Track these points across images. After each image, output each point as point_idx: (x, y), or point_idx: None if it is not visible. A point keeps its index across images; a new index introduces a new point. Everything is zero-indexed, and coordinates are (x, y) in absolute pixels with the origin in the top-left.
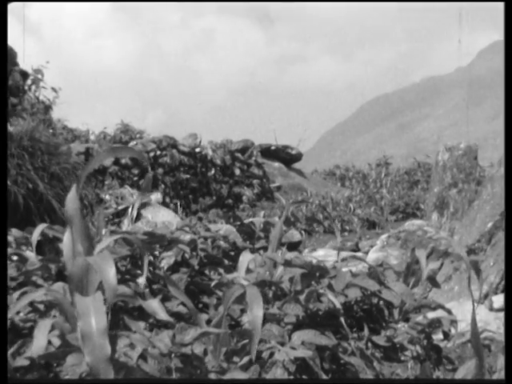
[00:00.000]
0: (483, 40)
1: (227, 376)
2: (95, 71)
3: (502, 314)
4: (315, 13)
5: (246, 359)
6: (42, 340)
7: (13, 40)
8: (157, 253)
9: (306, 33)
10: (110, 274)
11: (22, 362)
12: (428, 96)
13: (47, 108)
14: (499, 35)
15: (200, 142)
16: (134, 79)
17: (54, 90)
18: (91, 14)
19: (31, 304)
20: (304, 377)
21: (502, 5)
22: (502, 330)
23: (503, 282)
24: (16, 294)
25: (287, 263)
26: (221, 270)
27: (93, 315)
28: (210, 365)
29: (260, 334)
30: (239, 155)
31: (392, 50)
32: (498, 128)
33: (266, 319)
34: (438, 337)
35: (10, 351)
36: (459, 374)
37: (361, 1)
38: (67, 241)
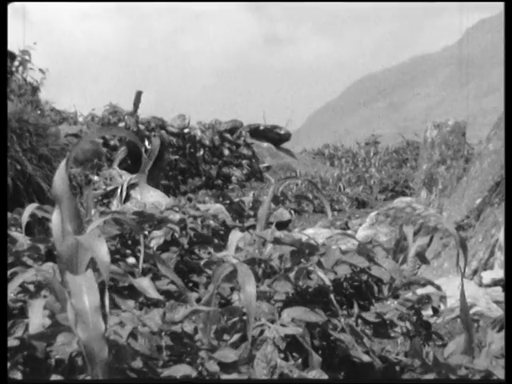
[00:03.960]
0: (471, 18)
1: (217, 353)
2: (85, 53)
3: (490, 290)
4: None
5: (236, 337)
6: (37, 319)
7: None
8: (146, 232)
9: (294, 13)
10: (103, 251)
11: (11, 342)
12: (416, 75)
13: (35, 89)
14: (487, 13)
15: (188, 122)
16: (124, 61)
17: (41, 71)
18: None
19: (21, 285)
20: (294, 354)
21: None
22: (490, 306)
23: (492, 258)
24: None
25: (276, 241)
26: (210, 249)
27: (85, 293)
28: (200, 343)
29: (255, 311)
30: (228, 136)
31: (380, 29)
32: (487, 106)
33: (256, 297)
34: (427, 313)
35: None
36: (449, 350)
37: (361, 1)
38: (56, 220)
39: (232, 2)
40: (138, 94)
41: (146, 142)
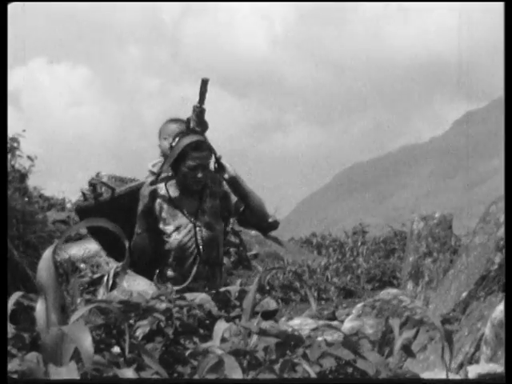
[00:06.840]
0: (458, 110)
1: None
2: (75, 139)
3: None
4: (290, 82)
5: None
6: None
7: None
8: (132, 322)
9: (282, 102)
10: (87, 342)
11: None
12: (403, 165)
13: (23, 176)
14: (474, 105)
15: None
16: (114, 146)
17: (29, 158)
18: (70, 82)
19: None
20: None
21: (475, 75)
22: None
23: (478, 352)
24: None
25: (262, 332)
26: (196, 339)
27: None
28: None
29: None
30: None
31: (367, 119)
32: (474, 197)
33: None
34: None
35: None
36: None
37: (355, 0)
38: (40, 310)
39: (219, 88)
40: (205, 83)
41: None
